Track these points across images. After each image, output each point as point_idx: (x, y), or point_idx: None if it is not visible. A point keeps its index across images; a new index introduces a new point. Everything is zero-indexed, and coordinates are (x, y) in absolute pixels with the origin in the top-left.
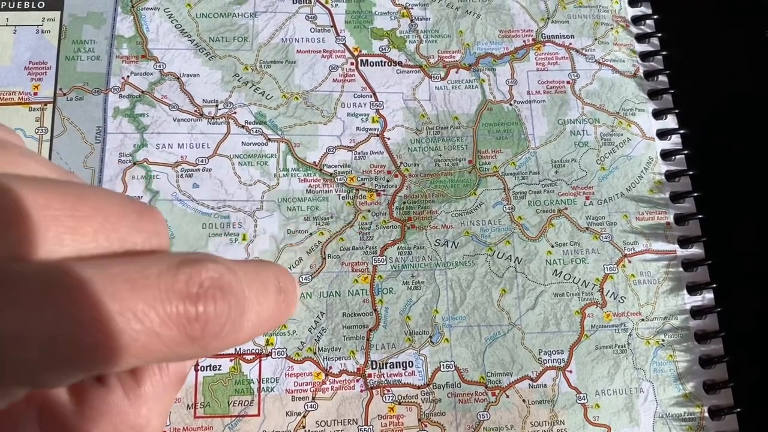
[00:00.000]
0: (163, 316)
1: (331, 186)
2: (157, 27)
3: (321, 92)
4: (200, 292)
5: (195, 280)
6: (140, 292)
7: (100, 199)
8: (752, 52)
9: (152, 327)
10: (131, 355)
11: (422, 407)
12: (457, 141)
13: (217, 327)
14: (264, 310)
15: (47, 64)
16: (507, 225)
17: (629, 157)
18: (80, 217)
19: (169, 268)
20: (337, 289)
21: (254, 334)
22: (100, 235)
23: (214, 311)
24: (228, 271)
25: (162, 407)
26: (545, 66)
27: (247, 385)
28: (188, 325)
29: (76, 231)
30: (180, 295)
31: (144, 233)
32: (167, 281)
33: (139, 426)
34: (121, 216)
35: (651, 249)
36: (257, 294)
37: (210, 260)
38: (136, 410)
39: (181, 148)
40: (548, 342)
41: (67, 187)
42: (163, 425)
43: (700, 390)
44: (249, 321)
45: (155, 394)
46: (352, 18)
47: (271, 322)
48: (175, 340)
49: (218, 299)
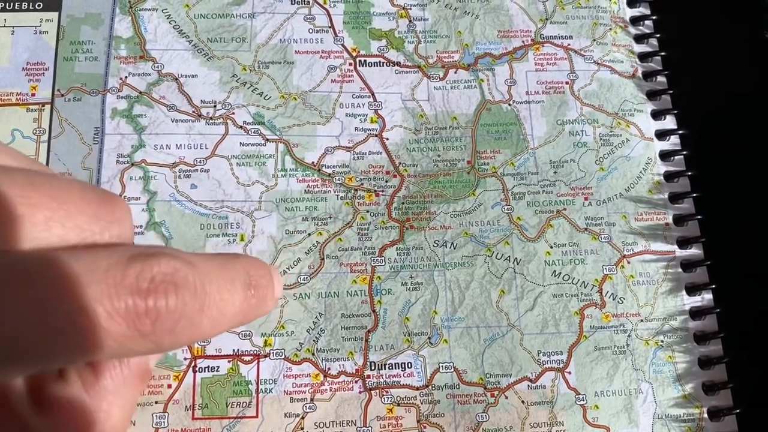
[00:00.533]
0: (111, 311)
1: (330, 186)
2: (155, 28)
3: (319, 93)
4: (151, 287)
5: (146, 274)
6: (85, 287)
7: (56, 187)
8: (751, 52)
9: (98, 322)
10: (77, 350)
11: (421, 408)
12: (456, 141)
13: (170, 322)
14: (228, 306)
15: (45, 65)
16: (506, 226)
17: (628, 158)
18: (31, 204)
19: (119, 263)
20: (335, 290)
21: (217, 330)
22: (53, 223)
23: (165, 306)
24: (184, 265)
25: (123, 401)
26: (544, 66)
27: (245, 387)
28: (137, 320)
29: (24, 219)
30: (129, 290)
31: (103, 221)
32: (115, 276)
33: (99, 420)
34: (80, 203)
35: (650, 250)
36: (220, 289)
37: (165, 254)
38: (96, 404)
39: (179, 148)
40: (547, 343)
41: (18, 174)
42: (127, 419)
43: (699, 391)
44: (208, 317)
45: (115, 388)
46: (350, 19)
47: (238, 318)
48: (124, 336)
49: (170, 294)
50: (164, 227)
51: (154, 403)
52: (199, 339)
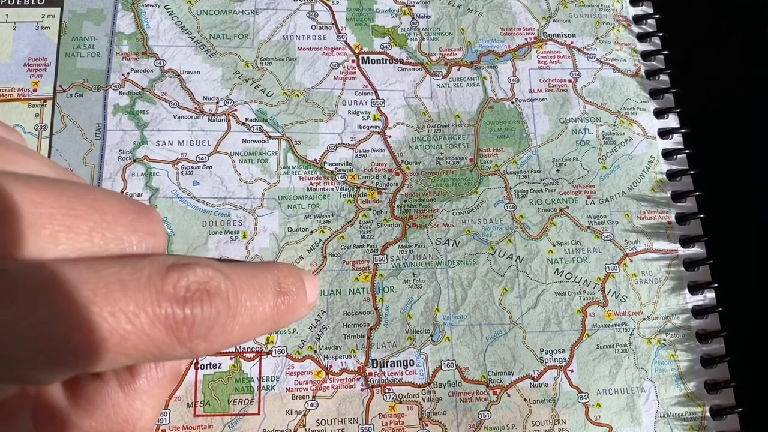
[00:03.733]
0: (153, 318)
1: (332, 184)
2: (158, 24)
3: (322, 90)
4: (187, 296)
5: (182, 283)
6: (131, 294)
7: (97, 198)
8: (753, 51)
9: (142, 328)
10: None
11: (423, 406)
12: (459, 139)
13: (204, 329)
14: (258, 314)
15: (47, 61)
16: (508, 224)
17: (631, 156)
18: (76, 215)
19: (159, 272)
20: (337, 288)
21: (248, 336)
22: (95, 234)
23: (200, 314)
24: (217, 274)
25: (155, 402)
26: (547, 64)
27: (248, 384)
28: (175, 327)
29: (71, 229)
30: (168, 298)
31: (140, 233)
32: (157, 284)
33: (133, 419)
34: (118, 215)
35: (652, 248)
36: (251, 297)
37: (200, 264)
38: (130, 403)
39: (181, 145)
40: (549, 341)
41: (64, 185)
42: (156, 419)
43: (701, 389)
44: (240, 324)
45: (149, 389)
46: (353, 15)
47: (268, 324)
48: (163, 342)
49: (204, 302)
50: (166, 224)
51: None
52: (230, 345)
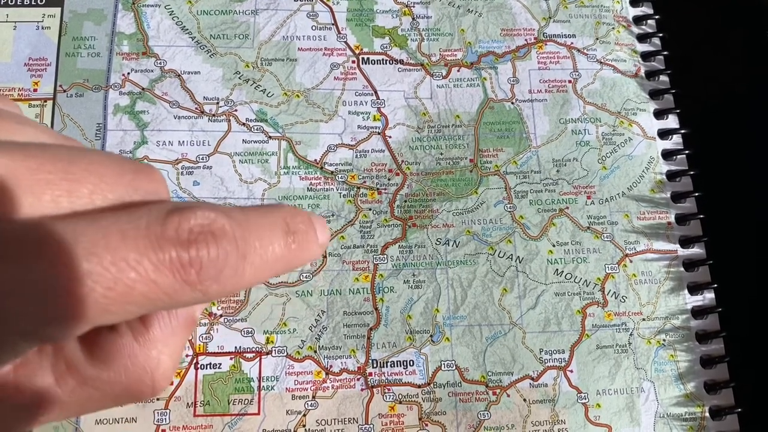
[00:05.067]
0: (156, 264)
1: (332, 184)
2: (158, 24)
3: (322, 90)
4: (191, 238)
5: (184, 226)
6: (131, 241)
7: (94, 161)
8: (753, 52)
9: (147, 275)
10: (130, 303)
11: (423, 406)
12: (459, 139)
13: (214, 271)
14: (269, 253)
15: (47, 61)
16: (508, 224)
17: (630, 157)
18: (74, 179)
19: (158, 217)
20: (338, 288)
21: (263, 277)
22: (96, 196)
23: (207, 255)
24: (220, 215)
25: (171, 350)
26: (547, 65)
27: (248, 384)
28: (182, 271)
29: (71, 193)
30: (170, 242)
31: (141, 192)
32: (156, 230)
33: (150, 367)
34: (117, 176)
35: (652, 249)
36: (260, 237)
37: (201, 207)
38: (146, 353)
39: (181, 145)
40: (549, 341)
41: (61, 150)
42: (175, 367)
43: (701, 390)
44: (251, 264)
45: (164, 337)
46: (353, 16)
47: (281, 264)
48: (172, 287)
49: (210, 244)
50: None
51: (156, 400)
52: (244, 287)
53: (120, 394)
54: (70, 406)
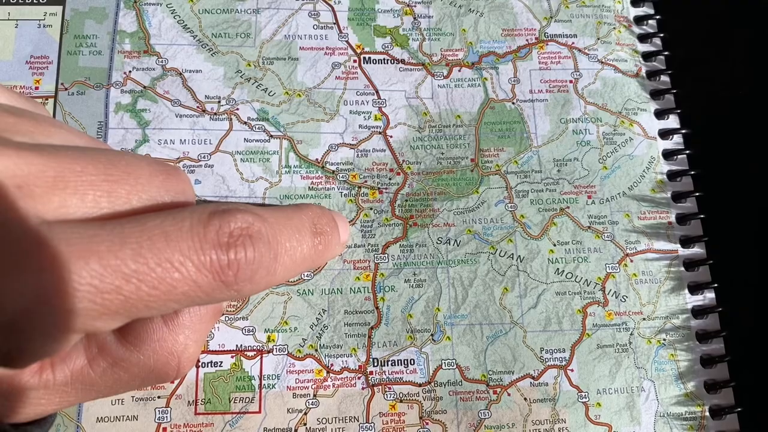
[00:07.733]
0: (199, 265)
1: (333, 183)
2: (160, 22)
3: (324, 89)
4: (230, 241)
5: (224, 230)
6: (175, 243)
7: (130, 163)
8: (754, 52)
9: (189, 275)
10: (171, 301)
11: (423, 405)
12: (460, 139)
13: (249, 272)
14: (298, 254)
15: (49, 59)
16: (509, 223)
17: (631, 157)
18: (113, 180)
19: (200, 220)
20: (339, 287)
21: (290, 275)
22: (132, 197)
23: (244, 258)
24: (256, 219)
25: (198, 336)
26: (548, 65)
27: (248, 382)
28: (221, 272)
29: (111, 194)
30: (212, 245)
31: (172, 192)
32: (200, 232)
33: (177, 351)
34: (150, 177)
35: (653, 248)
36: (290, 239)
37: (239, 210)
38: (174, 338)
39: (183, 144)
40: (550, 340)
41: (98, 153)
42: (198, 353)
43: (701, 389)
44: (281, 264)
45: (192, 324)
46: (354, 15)
47: (307, 263)
48: (211, 286)
49: (248, 246)
50: None
51: (157, 398)
52: (273, 285)
53: (146, 376)
54: (101, 387)
